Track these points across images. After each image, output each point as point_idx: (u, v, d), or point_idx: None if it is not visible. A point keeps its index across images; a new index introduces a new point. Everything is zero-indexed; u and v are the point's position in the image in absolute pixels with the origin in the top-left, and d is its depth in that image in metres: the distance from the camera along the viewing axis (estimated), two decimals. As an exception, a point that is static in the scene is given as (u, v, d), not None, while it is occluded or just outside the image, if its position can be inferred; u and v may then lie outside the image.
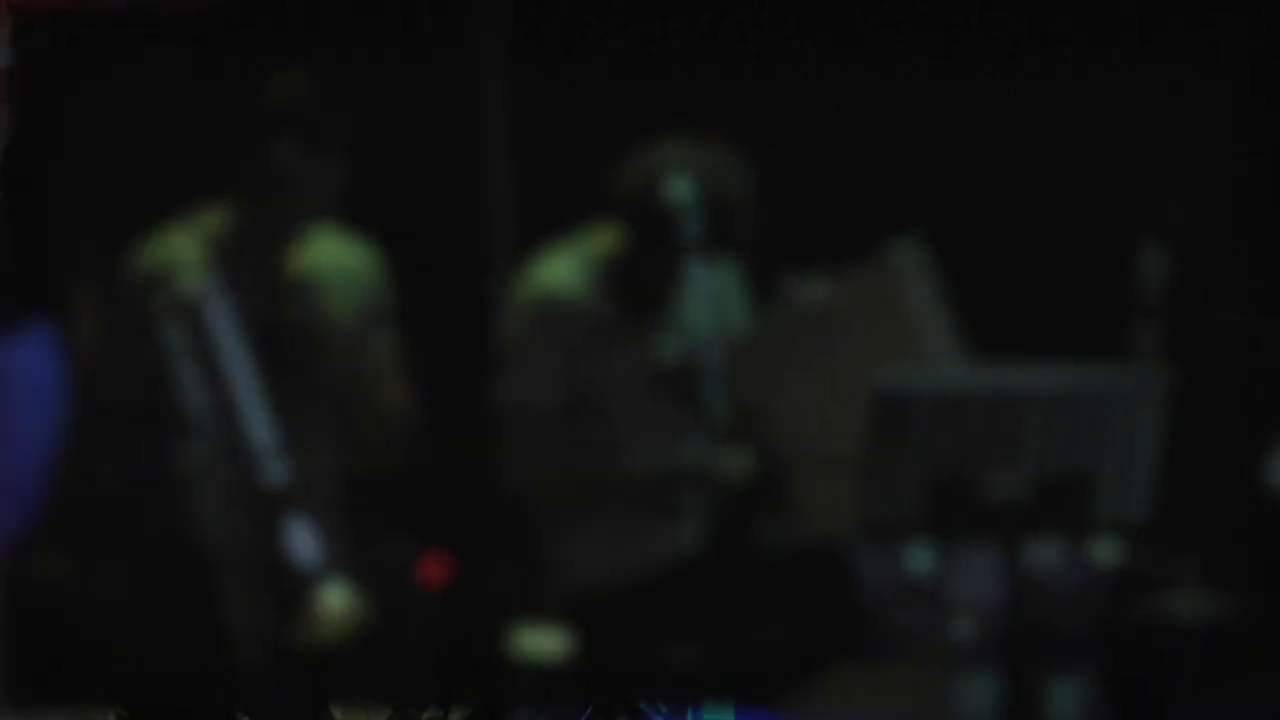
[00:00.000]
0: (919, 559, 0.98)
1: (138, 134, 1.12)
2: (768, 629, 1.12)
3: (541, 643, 1.05)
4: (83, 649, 1.09)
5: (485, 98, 1.10)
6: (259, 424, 1.13)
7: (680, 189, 1.11)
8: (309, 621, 1.21)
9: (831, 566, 1.04)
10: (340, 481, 1.15)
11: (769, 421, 1.11)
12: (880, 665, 0.99)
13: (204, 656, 1.11)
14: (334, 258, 1.36)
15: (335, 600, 1.10)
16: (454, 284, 1.22)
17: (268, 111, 1.15)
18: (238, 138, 1.19)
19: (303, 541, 1.10)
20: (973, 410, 0.99)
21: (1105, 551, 0.93)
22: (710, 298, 1.17)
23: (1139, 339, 0.93)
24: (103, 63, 1.10)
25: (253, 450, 1.05)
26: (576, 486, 1.23)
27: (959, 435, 0.98)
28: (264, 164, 1.26)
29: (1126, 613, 0.91)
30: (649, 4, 1.05)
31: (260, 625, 1.12)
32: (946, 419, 1.00)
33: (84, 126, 1.13)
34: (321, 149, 1.22)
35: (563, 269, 1.17)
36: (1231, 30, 0.91)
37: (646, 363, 1.19)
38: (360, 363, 1.36)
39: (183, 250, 1.30)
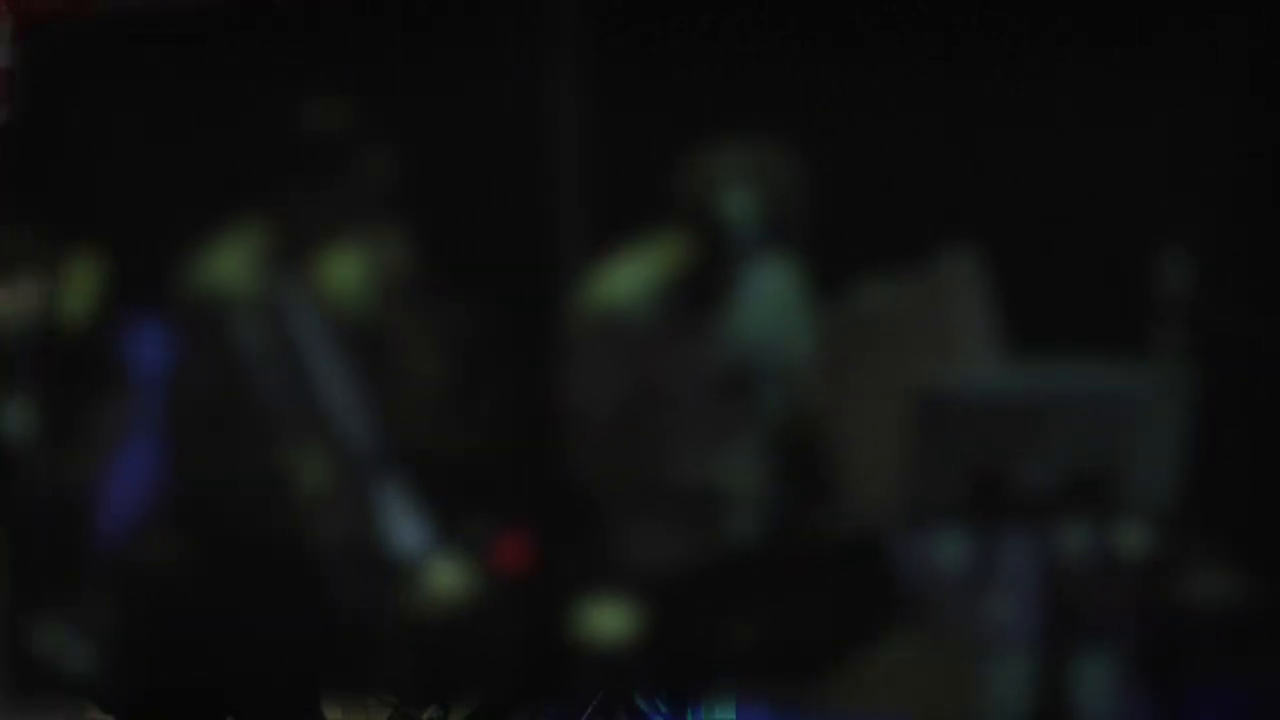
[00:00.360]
0: (956, 547, 1.01)
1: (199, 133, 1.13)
2: (814, 614, 1.15)
3: (606, 623, 1.08)
4: (182, 645, 1.11)
5: (554, 93, 1.11)
6: (349, 418, 1.13)
7: (740, 194, 1.14)
8: (419, 603, 1.25)
9: (875, 556, 1.06)
10: (416, 469, 1.17)
11: (820, 421, 1.13)
12: (918, 647, 1.02)
13: (309, 650, 1.12)
14: (371, 259, 1.43)
15: (443, 579, 1.12)
16: (523, 281, 1.26)
17: (313, 111, 1.16)
18: (289, 139, 1.20)
19: (405, 526, 1.11)
20: (1006, 408, 1.01)
21: (1132, 538, 0.94)
22: (769, 303, 1.20)
23: (1163, 337, 0.94)
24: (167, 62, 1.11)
25: (348, 441, 1.05)
26: (635, 483, 1.27)
27: (994, 431, 1.00)
28: (312, 165, 1.32)
29: (1154, 597, 0.92)
30: (721, 5, 1.07)
31: (369, 613, 1.13)
32: (982, 416, 1.01)
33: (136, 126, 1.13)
34: (369, 150, 1.22)
35: (625, 275, 1.21)
36: (1253, 31, 0.91)
37: (705, 367, 1.23)
38: (415, 356, 1.44)
39: (249, 251, 1.36)
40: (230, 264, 1.23)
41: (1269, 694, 0.89)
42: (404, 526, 1.17)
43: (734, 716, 1.28)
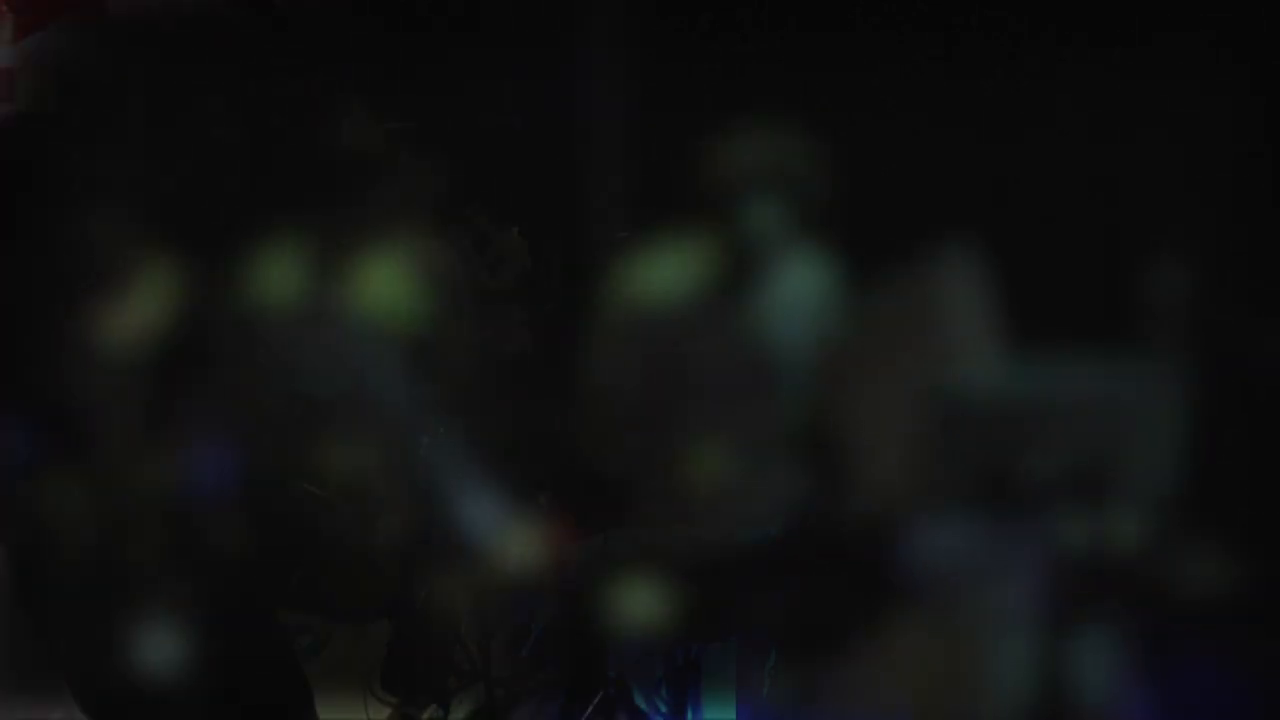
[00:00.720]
0: (963, 537, 1.04)
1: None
2: (830, 594, 1.17)
3: (637, 603, 1.10)
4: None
5: (597, 89, 1.13)
6: (403, 412, 1.15)
7: (763, 194, 1.17)
8: (501, 572, 1.30)
9: (888, 541, 1.10)
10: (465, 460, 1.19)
11: (838, 413, 1.17)
12: (927, 631, 1.06)
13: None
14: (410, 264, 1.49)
15: (518, 548, 1.13)
16: (564, 276, 1.30)
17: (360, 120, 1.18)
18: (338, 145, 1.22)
19: (478, 506, 1.12)
20: (1012, 403, 1.04)
21: (1132, 530, 0.96)
22: (794, 294, 1.22)
23: (1163, 336, 0.94)
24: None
25: (417, 433, 1.06)
26: (664, 465, 1.31)
27: (999, 426, 1.04)
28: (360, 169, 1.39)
29: (1152, 585, 0.94)
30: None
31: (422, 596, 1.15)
32: (987, 412, 1.04)
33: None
34: (416, 152, 1.24)
35: (657, 266, 1.25)
36: (1255, 37, 0.91)
37: (733, 355, 1.27)
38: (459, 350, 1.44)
39: (307, 254, 1.42)
40: (288, 267, 1.27)
41: (1263, 677, 0.90)
42: (456, 516, 1.19)
43: (734, 716, 1.28)
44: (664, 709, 1.27)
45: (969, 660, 1.00)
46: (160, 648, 0.77)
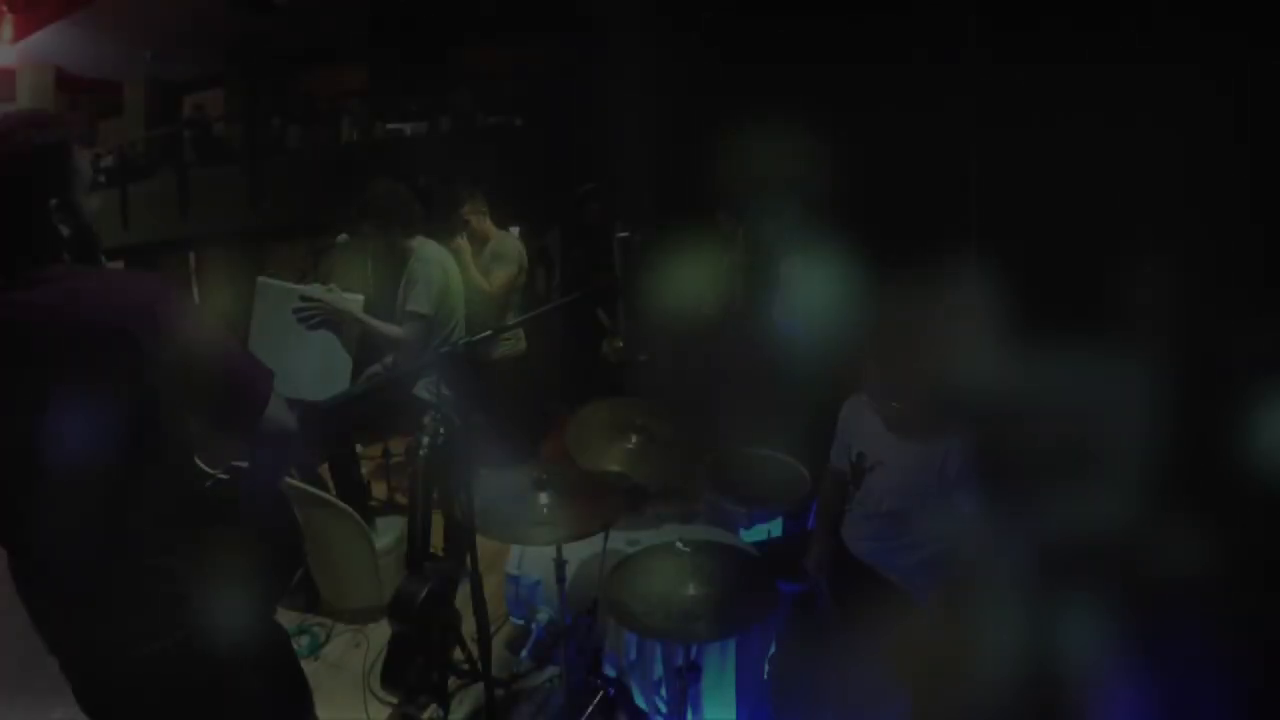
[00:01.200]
0: (966, 515, 1.07)
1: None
2: (846, 564, 1.21)
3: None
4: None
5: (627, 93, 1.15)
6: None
7: (774, 188, 1.21)
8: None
9: (895, 520, 1.14)
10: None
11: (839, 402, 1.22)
12: (932, 596, 1.09)
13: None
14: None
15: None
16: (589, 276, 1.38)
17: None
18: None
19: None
20: (1008, 395, 1.05)
21: (1118, 507, 0.97)
22: (806, 296, 1.24)
23: (1148, 332, 0.96)
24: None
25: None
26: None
27: (1001, 422, 1.06)
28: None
29: (1135, 559, 0.95)
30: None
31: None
32: (991, 411, 1.06)
33: None
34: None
35: (680, 266, 1.30)
36: (1239, 47, 0.92)
37: (745, 352, 1.31)
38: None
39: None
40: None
41: (1239, 644, 0.91)
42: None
43: (734, 716, 1.28)
44: (664, 709, 1.27)
45: (967, 645, 1.01)
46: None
